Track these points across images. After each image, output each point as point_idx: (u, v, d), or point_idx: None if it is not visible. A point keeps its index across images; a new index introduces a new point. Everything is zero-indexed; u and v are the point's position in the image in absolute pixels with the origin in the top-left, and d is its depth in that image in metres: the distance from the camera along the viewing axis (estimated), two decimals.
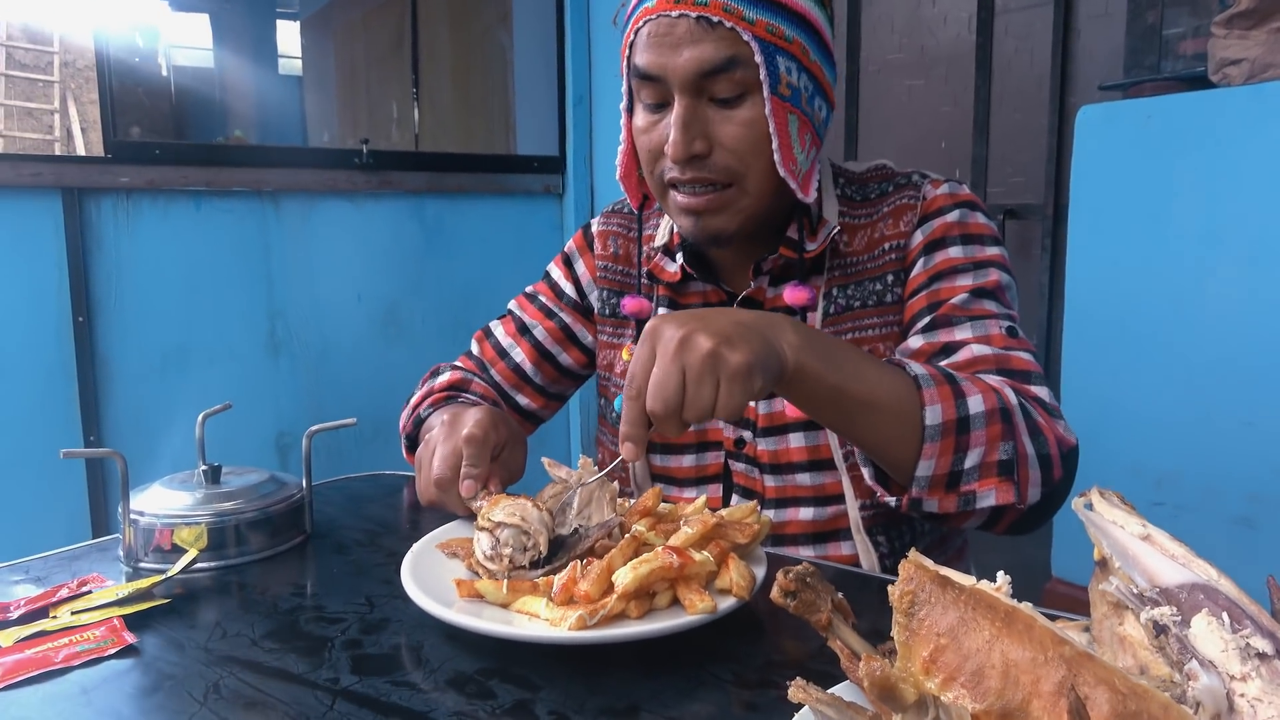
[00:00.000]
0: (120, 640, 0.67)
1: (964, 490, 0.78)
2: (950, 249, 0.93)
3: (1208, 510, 1.55)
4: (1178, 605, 0.48)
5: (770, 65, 0.85)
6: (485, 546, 0.73)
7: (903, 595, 0.42)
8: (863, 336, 0.95)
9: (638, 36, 0.89)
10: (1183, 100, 1.58)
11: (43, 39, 6.89)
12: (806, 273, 0.96)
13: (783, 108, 0.87)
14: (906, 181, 0.98)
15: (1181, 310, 1.58)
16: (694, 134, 0.87)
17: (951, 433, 0.76)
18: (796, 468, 0.96)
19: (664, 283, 1.03)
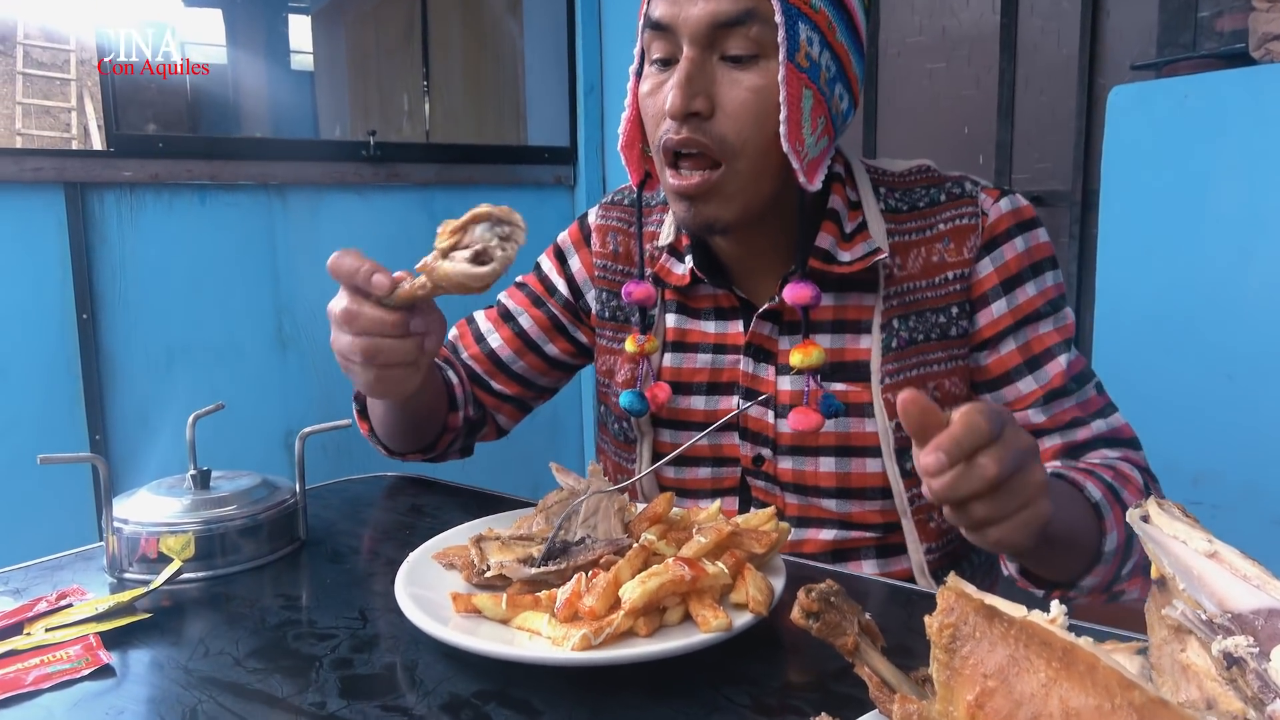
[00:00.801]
0: (95, 660, 0.63)
1: (1115, 590, 0.80)
2: (1026, 286, 0.89)
3: (1247, 510, 1.48)
4: (1254, 634, 0.43)
5: (791, 28, 0.79)
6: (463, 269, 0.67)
7: (943, 628, 0.37)
8: (928, 373, 0.89)
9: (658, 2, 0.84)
10: (1222, 78, 1.50)
11: (59, 37, 6.94)
12: (841, 287, 0.90)
13: (798, 78, 0.80)
14: (961, 192, 0.91)
15: (1220, 300, 1.51)
16: (697, 89, 0.80)
17: (1119, 553, 0.78)
18: (824, 492, 0.91)
19: (671, 286, 0.97)
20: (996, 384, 0.90)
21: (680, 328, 0.97)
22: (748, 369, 0.93)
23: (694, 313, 0.97)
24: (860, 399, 0.89)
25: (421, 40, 3.18)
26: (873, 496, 0.90)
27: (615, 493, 0.76)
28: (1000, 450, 0.60)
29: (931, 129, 2.42)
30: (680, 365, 0.96)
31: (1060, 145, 2.14)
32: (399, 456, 1.04)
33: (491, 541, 0.73)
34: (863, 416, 0.89)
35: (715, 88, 0.81)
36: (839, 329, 0.91)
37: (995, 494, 0.61)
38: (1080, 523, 0.75)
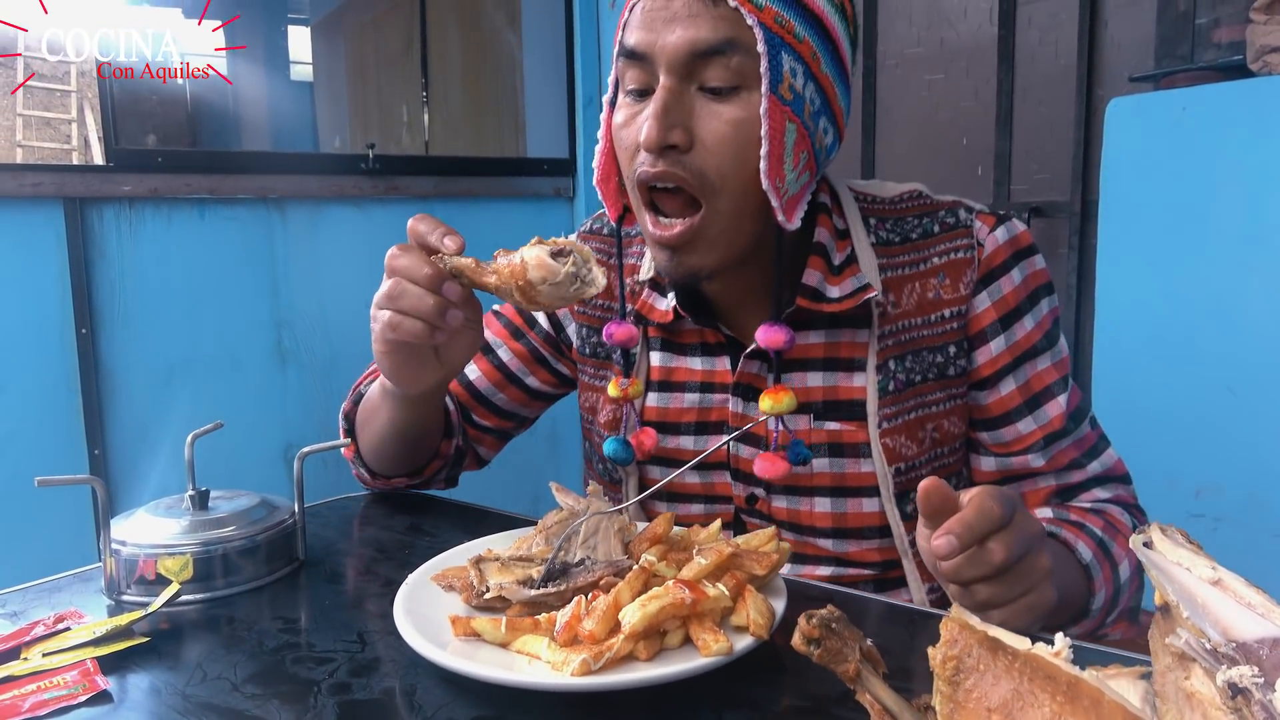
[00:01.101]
0: (93, 685, 0.63)
1: (1099, 634, 0.80)
2: (1024, 320, 0.87)
3: (1250, 523, 1.48)
4: (1259, 664, 0.43)
5: (774, 58, 0.75)
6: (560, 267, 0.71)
7: (946, 660, 0.37)
8: (927, 414, 0.87)
9: (631, 14, 0.80)
10: (1220, 91, 1.50)
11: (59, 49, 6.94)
12: (833, 324, 0.87)
13: (781, 111, 0.76)
14: (955, 222, 0.87)
15: (1220, 312, 1.51)
16: (674, 120, 0.76)
17: (1105, 608, 0.79)
18: (819, 532, 0.89)
19: (654, 322, 0.93)
20: (996, 424, 0.88)
21: (666, 366, 0.94)
22: (736, 409, 0.90)
23: (680, 349, 0.94)
24: (855, 438, 0.86)
25: (421, 52, 3.19)
26: (870, 536, 0.88)
27: (615, 513, 0.75)
28: (1009, 536, 0.61)
29: (930, 140, 2.42)
30: (667, 405, 0.93)
31: (1059, 156, 2.14)
32: (380, 481, 1.02)
33: (491, 563, 0.73)
34: (858, 456, 0.87)
35: (693, 120, 0.77)
36: (831, 366, 0.87)
37: (1001, 579, 0.62)
38: (1071, 585, 0.76)
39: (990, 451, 0.89)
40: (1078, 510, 0.84)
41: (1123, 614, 0.81)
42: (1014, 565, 0.62)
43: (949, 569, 0.62)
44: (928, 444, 0.87)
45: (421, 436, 0.96)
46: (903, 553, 0.88)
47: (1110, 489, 0.89)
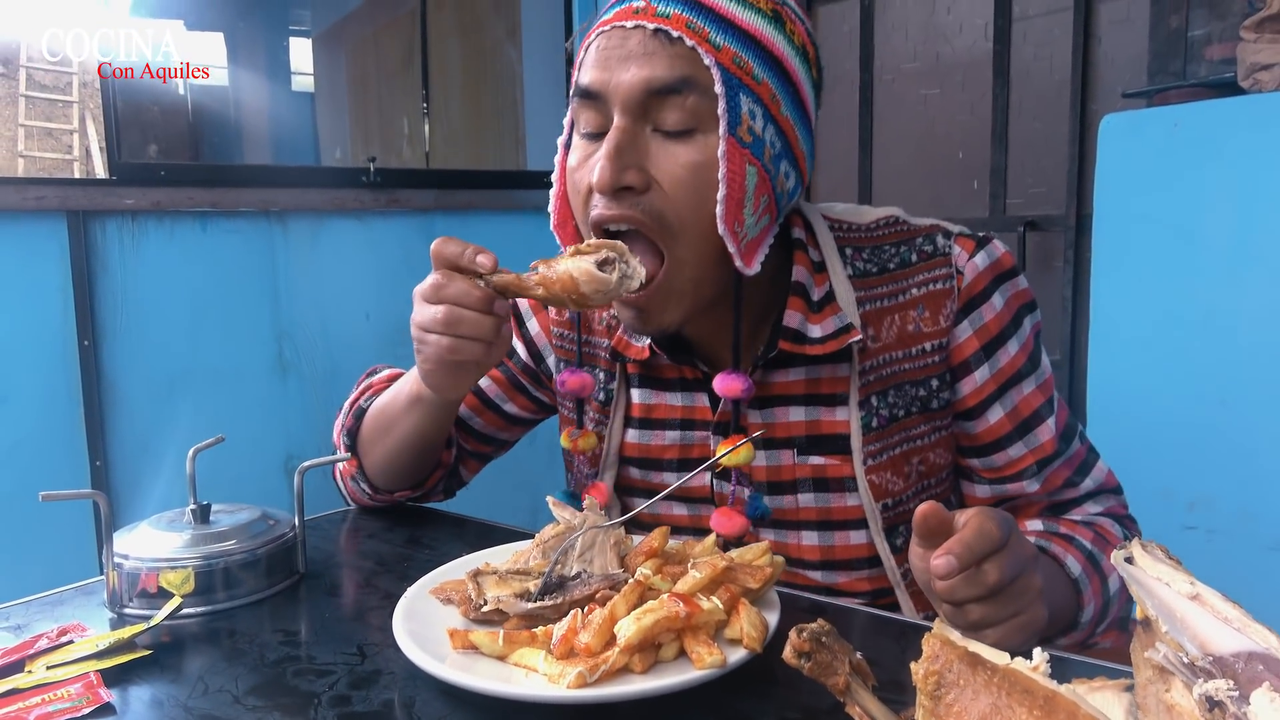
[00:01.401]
0: (96, 698, 0.64)
1: (1090, 643, 0.82)
2: (1008, 345, 0.85)
3: (1242, 536, 1.49)
4: (1234, 677, 0.44)
5: (732, 100, 0.73)
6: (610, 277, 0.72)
7: (928, 675, 0.38)
8: (913, 448, 0.86)
9: (587, 54, 0.79)
10: (1211, 107, 1.52)
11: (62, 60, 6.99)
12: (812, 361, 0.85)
13: (740, 154, 0.74)
14: (933, 250, 0.85)
15: (1212, 326, 1.52)
16: (628, 161, 0.75)
17: (1095, 620, 0.81)
18: (808, 564, 0.89)
19: (631, 359, 0.91)
20: (987, 450, 0.88)
21: (646, 403, 0.93)
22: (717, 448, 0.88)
23: (660, 384, 0.92)
24: (840, 472, 0.86)
25: (422, 65, 3.21)
26: (859, 567, 0.88)
27: (611, 528, 0.77)
28: (1004, 558, 0.62)
29: (926, 154, 2.44)
30: (649, 441, 0.93)
31: (1054, 170, 2.16)
32: (382, 496, 1.03)
33: (489, 576, 0.74)
34: (844, 490, 0.86)
35: (648, 161, 0.76)
36: (812, 401, 0.86)
37: (994, 599, 0.63)
38: (1060, 601, 0.77)
39: (983, 478, 0.89)
40: (1067, 523, 0.85)
41: (1113, 624, 0.82)
42: (1007, 586, 0.63)
43: (945, 589, 0.62)
44: (914, 477, 0.87)
45: (437, 442, 0.97)
46: (895, 583, 0.87)
47: (1102, 502, 0.90)
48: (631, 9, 0.76)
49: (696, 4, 0.75)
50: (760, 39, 0.76)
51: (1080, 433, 0.91)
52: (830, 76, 2.68)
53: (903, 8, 2.46)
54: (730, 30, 0.75)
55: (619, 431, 0.94)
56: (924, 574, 0.65)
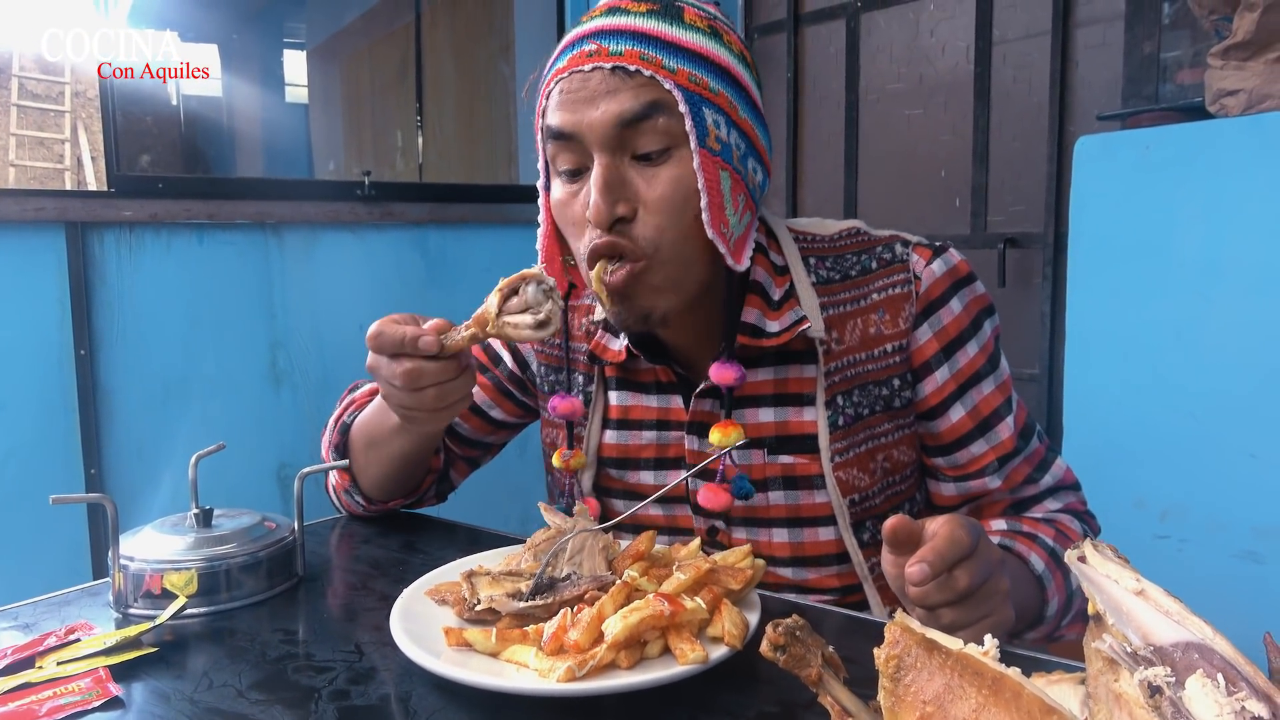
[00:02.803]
0: (105, 692, 0.66)
1: (1055, 636, 0.86)
2: (968, 347, 0.89)
3: (1213, 544, 1.53)
4: (1172, 665, 0.47)
5: (696, 115, 0.79)
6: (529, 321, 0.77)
7: (888, 659, 0.42)
8: (878, 445, 0.90)
9: (550, 99, 0.83)
10: (1181, 131, 1.58)
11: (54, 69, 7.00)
12: (780, 360, 0.90)
13: (713, 162, 0.79)
14: (891, 258, 0.90)
15: (1182, 341, 1.57)
16: (616, 196, 0.80)
17: (1061, 610, 0.84)
18: (779, 562, 0.93)
19: (609, 362, 0.95)
20: (950, 449, 0.91)
21: (623, 404, 0.97)
22: (692, 446, 0.93)
23: (636, 387, 0.97)
24: (808, 470, 0.90)
25: (416, 79, 3.25)
26: (829, 563, 0.92)
27: (599, 531, 0.80)
28: (974, 564, 0.65)
29: (910, 173, 2.49)
30: (627, 442, 0.97)
31: (1033, 189, 2.22)
32: (376, 506, 1.06)
33: (482, 577, 0.77)
34: (812, 488, 0.90)
35: (633, 189, 0.81)
36: (780, 402, 0.90)
37: (965, 603, 0.66)
38: (1026, 598, 0.80)
39: (947, 476, 0.93)
40: (1030, 522, 0.89)
41: (1077, 616, 0.86)
42: (977, 590, 0.66)
43: (919, 595, 0.66)
44: (879, 474, 0.91)
45: (426, 457, 1.01)
46: (863, 578, 0.91)
47: (1061, 498, 0.93)
48: (584, 53, 0.81)
49: (644, 36, 0.80)
50: (707, 55, 0.81)
51: (1039, 431, 0.95)
52: (816, 96, 2.72)
53: (887, 30, 2.52)
54: (680, 53, 0.80)
55: (597, 433, 0.98)
56: (897, 580, 0.68)
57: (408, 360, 0.79)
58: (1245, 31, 1.50)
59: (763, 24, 2.82)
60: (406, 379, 0.79)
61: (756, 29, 2.84)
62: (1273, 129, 1.46)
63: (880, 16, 2.52)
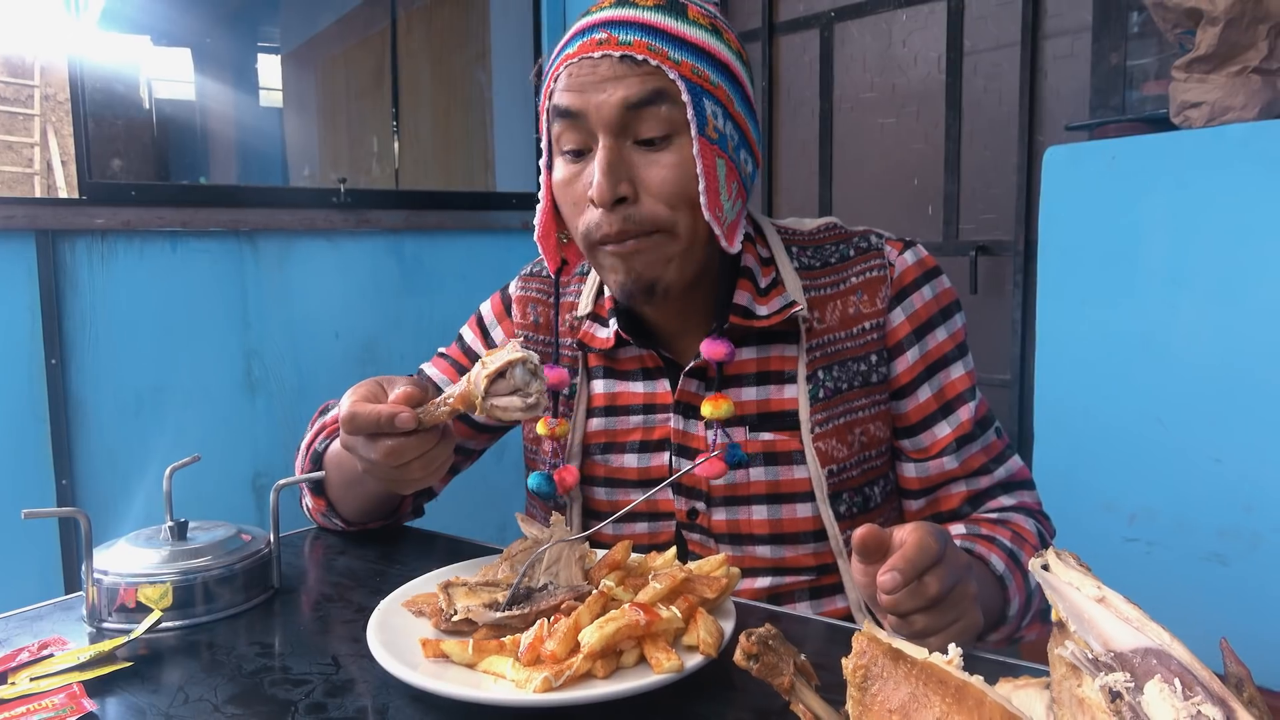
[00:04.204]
0: (79, 708, 0.66)
1: (1017, 636, 0.87)
2: (937, 331, 0.96)
3: (1180, 547, 1.56)
4: (1131, 670, 0.49)
5: (697, 105, 0.84)
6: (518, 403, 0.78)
7: (855, 669, 0.43)
8: (854, 419, 0.94)
9: (558, 82, 0.87)
10: (1146, 142, 1.61)
11: (23, 71, 6.89)
12: (763, 340, 0.95)
13: (710, 150, 0.85)
14: (867, 246, 0.97)
15: (1149, 349, 1.60)
16: (619, 176, 0.84)
17: (1022, 610, 0.85)
18: (757, 540, 0.95)
19: (596, 350, 0.99)
20: (915, 430, 0.96)
21: (609, 391, 1.00)
22: (678, 426, 0.96)
23: (621, 375, 1.00)
24: (788, 446, 0.94)
25: (392, 85, 3.24)
26: (805, 540, 0.94)
27: (576, 542, 0.81)
28: (943, 570, 0.68)
29: (883, 181, 2.52)
30: (614, 428, 1.00)
31: (1004, 198, 2.25)
32: (356, 526, 1.06)
33: (459, 588, 0.78)
34: (791, 464, 0.94)
35: (636, 171, 0.85)
36: (763, 380, 0.95)
37: (936, 609, 0.68)
38: (989, 599, 0.83)
39: (911, 458, 0.97)
40: (987, 524, 0.91)
41: (1036, 615, 0.88)
42: (947, 596, 0.68)
43: (890, 603, 0.67)
44: (856, 447, 0.94)
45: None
46: (837, 553, 0.94)
47: (1015, 495, 0.97)
48: (595, 41, 0.85)
49: (652, 29, 0.84)
50: (709, 50, 0.86)
51: (997, 427, 0.99)
52: (791, 104, 2.75)
53: (860, 40, 2.55)
54: (684, 47, 0.85)
55: (582, 422, 1.01)
56: (868, 589, 0.70)
57: (387, 439, 0.79)
58: (1207, 45, 1.54)
59: (738, 32, 2.84)
60: (388, 457, 0.79)
61: None
62: (1234, 140, 1.50)
63: (854, 26, 2.56)
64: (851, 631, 0.82)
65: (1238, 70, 1.54)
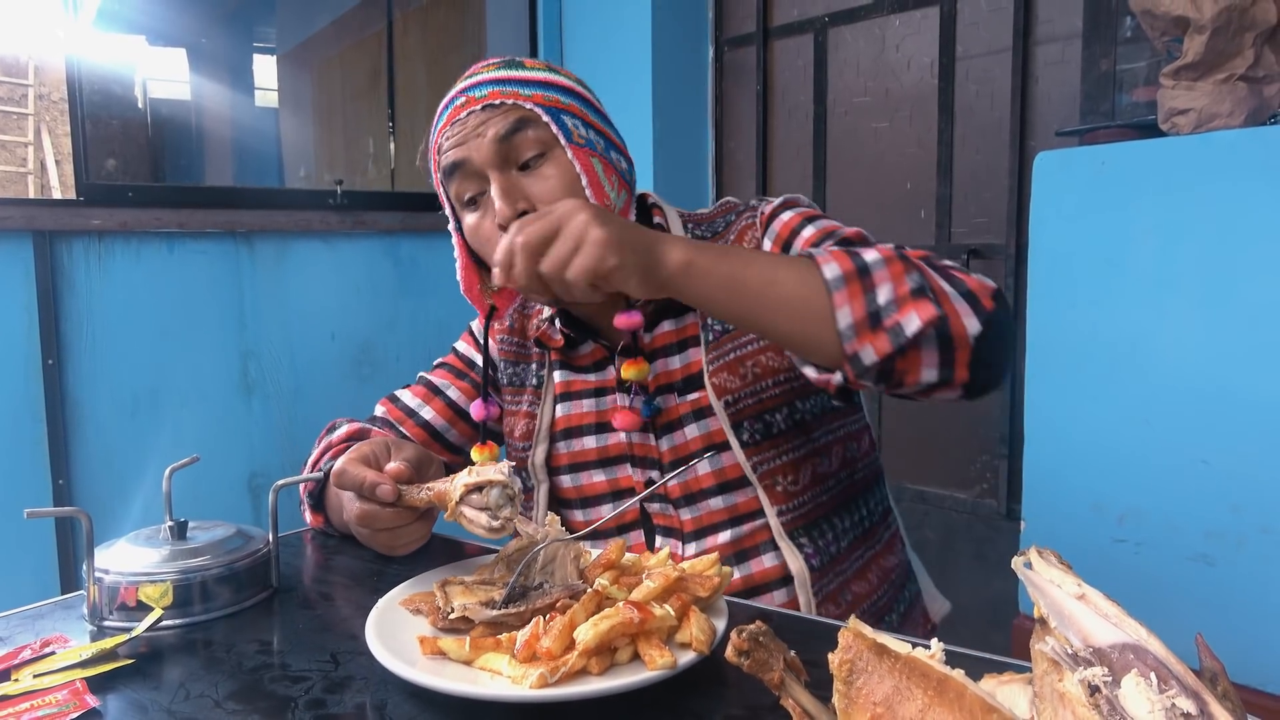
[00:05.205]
0: (83, 704, 0.67)
1: (888, 324, 0.77)
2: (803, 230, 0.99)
3: (1168, 547, 1.58)
4: (1109, 665, 0.50)
5: (558, 121, 0.96)
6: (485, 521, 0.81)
7: (841, 664, 0.44)
8: (745, 353, 1.01)
9: (441, 151, 0.99)
10: (1135, 148, 1.63)
11: (17, 70, 6.88)
12: (678, 314, 1.04)
13: (583, 153, 0.96)
14: (746, 207, 1.07)
15: (1137, 351, 1.62)
16: (515, 196, 0.94)
17: (855, 278, 0.78)
18: (707, 493, 1.01)
19: (553, 348, 1.10)
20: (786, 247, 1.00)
21: (567, 380, 1.11)
22: (623, 404, 1.05)
23: (577, 368, 1.11)
24: (706, 401, 1.01)
25: (388, 86, 3.25)
26: (734, 487, 1.01)
27: (571, 541, 0.82)
28: (534, 216, 0.78)
29: (876, 184, 2.54)
30: (570, 412, 1.10)
31: (995, 201, 2.27)
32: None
33: (456, 586, 0.79)
34: (713, 416, 1.01)
35: (526, 190, 0.95)
36: (683, 347, 1.04)
37: (548, 249, 0.76)
38: (782, 265, 0.81)
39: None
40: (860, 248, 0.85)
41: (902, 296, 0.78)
42: (549, 234, 0.76)
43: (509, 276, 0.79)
44: (750, 379, 1.00)
45: None
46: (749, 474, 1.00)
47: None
48: (457, 107, 0.98)
49: (498, 81, 0.98)
50: (552, 82, 1.00)
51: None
52: (785, 109, 2.76)
53: (854, 45, 2.57)
54: (530, 84, 0.98)
55: (550, 409, 1.11)
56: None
57: (364, 503, 0.88)
58: (1195, 53, 1.56)
59: (732, 37, 2.86)
60: (361, 519, 0.89)
61: (726, 41, 2.88)
62: (1220, 147, 1.52)
63: (847, 31, 2.57)
64: (836, 629, 0.84)
65: (1224, 78, 1.56)
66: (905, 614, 1.13)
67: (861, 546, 1.06)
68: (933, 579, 1.22)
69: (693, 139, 2.86)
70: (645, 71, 2.71)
